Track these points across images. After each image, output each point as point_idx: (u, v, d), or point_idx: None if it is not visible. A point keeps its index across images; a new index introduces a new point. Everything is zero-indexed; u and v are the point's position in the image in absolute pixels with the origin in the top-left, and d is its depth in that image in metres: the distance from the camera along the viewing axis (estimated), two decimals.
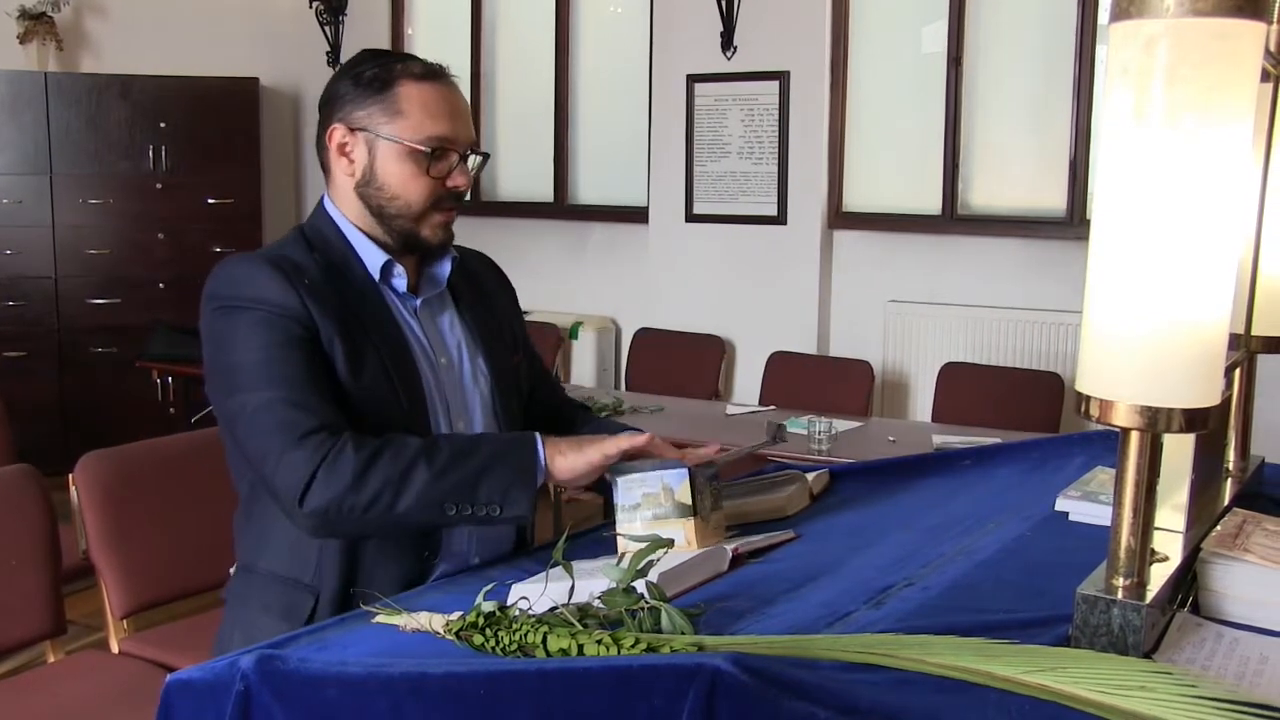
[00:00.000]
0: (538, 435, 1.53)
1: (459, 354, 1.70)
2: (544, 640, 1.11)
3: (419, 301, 1.68)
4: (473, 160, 1.64)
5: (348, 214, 1.65)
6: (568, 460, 1.51)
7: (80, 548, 2.53)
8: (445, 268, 1.71)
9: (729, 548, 1.44)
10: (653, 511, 1.49)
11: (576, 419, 1.87)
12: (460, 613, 1.21)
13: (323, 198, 1.69)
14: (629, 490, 1.51)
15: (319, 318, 1.54)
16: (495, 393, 1.71)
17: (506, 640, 1.14)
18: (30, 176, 5.41)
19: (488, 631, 1.16)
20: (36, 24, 5.51)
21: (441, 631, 1.22)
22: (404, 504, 1.46)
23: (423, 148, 1.58)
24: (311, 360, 1.52)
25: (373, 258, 1.64)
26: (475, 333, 1.73)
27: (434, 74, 1.61)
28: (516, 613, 1.17)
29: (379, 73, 1.60)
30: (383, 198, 1.62)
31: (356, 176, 1.63)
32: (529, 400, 1.83)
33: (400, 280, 1.65)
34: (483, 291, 1.79)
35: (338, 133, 1.62)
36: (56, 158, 5.43)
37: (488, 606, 1.18)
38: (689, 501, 1.48)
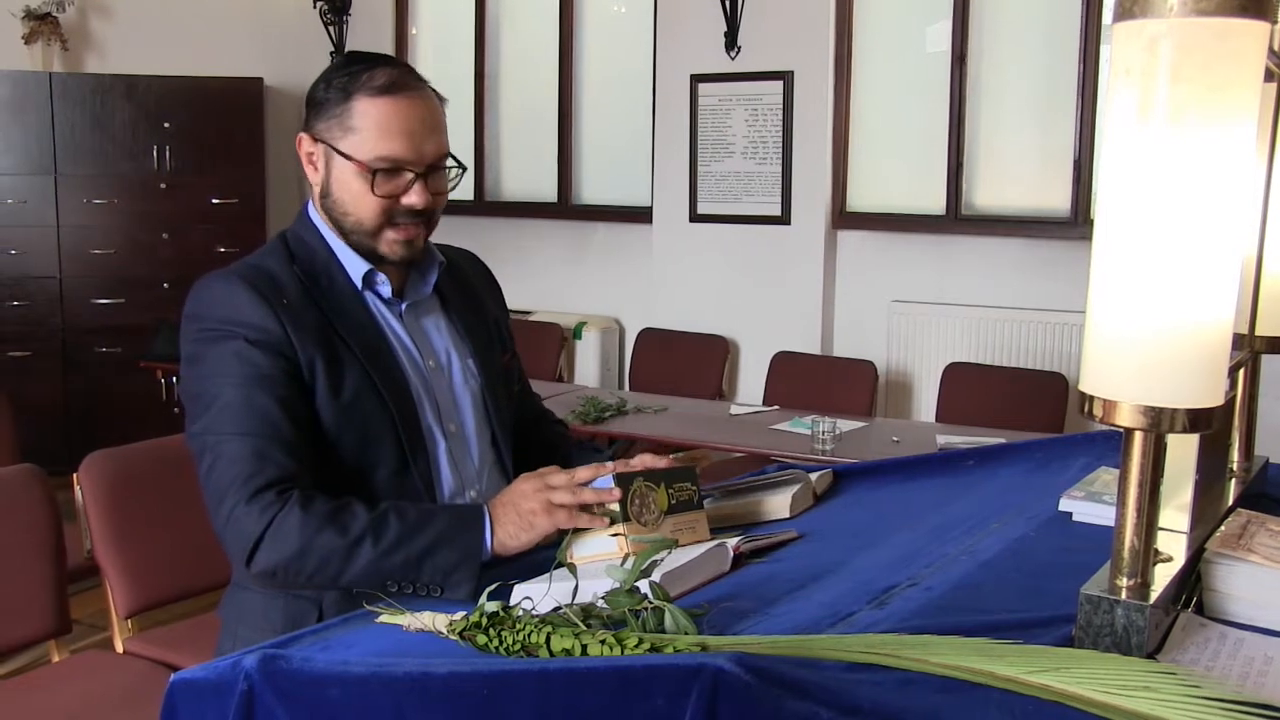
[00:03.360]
0: (487, 514, 1.48)
1: (448, 356, 1.70)
2: (547, 640, 1.11)
3: (405, 306, 1.68)
4: (453, 173, 1.62)
5: (324, 222, 1.65)
6: (516, 540, 1.47)
7: (85, 547, 2.54)
8: (432, 272, 1.70)
9: (730, 545, 1.44)
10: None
11: (558, 442, 1.88)
12: (464, 613, 1.21)
13: (306, 203, 1.68)
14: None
15: (297, 337, 1.53)
16: (486, 393, 1.71)
17: (510, 640, 1.14)
18: (35, 177, 5.42)
19: (491, 631, 1.16)
20: (41, 24, 5.52)
21: (445, 631, 1.22)
22: (347, 578, 1.47)
23: (369, 167, 1.55)
24: (283, 397, 1.51)
25: (355, 265, 1.63)
26: (464, 334, 1.72)
27: (395, 87, 1.55)
28: (520, 613, 1.17)
29: (343, 83, 1.57)
30: (338, 212, 1.61)
31: (319, 188, 1.62)
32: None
33: (384, 287, 1.65)
34: (471, 292, 1.79)
35: (304, 142, 1.62)
36: (61, 158, 5.45)
37: (491, 606, 1.18)
38: (615, 508, 1.46)
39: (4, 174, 5.38)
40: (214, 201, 5.72)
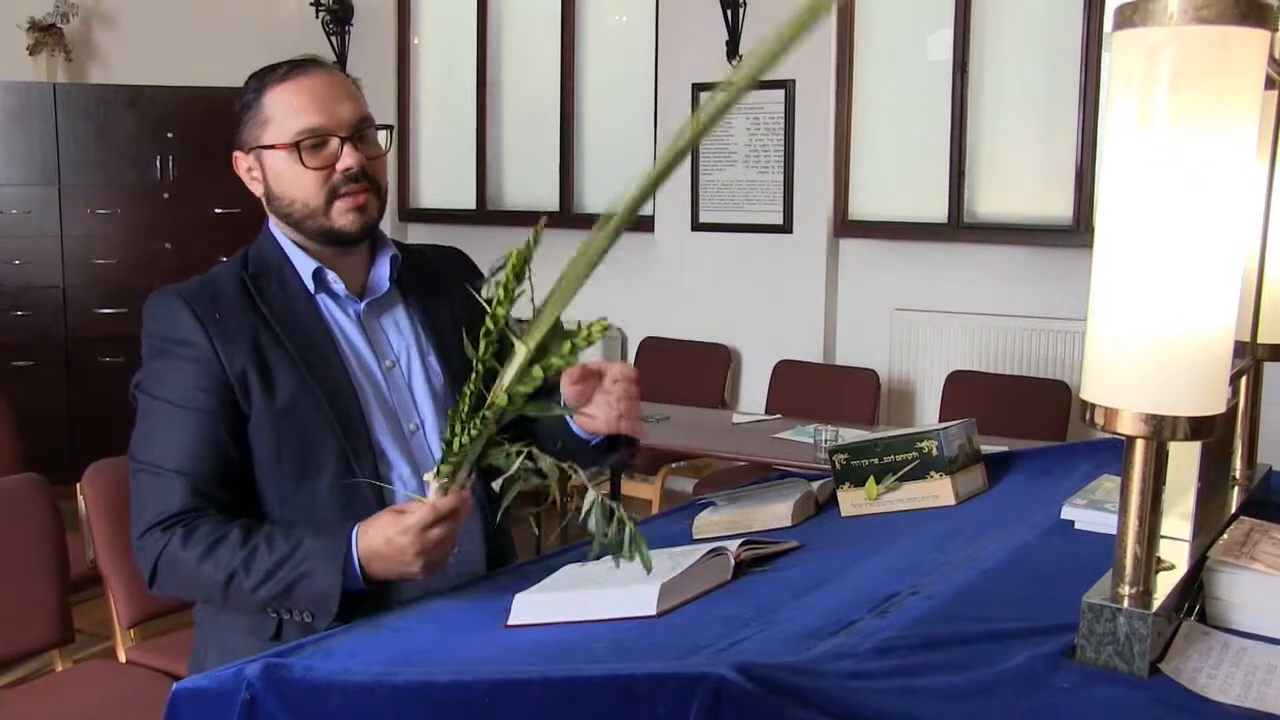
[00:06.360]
0: (354, 540, 1.45)
1: (407, 355, 1.70)
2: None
3: (363, 305, 1.68)
4: (383, 136, 1.66)
5: (280, 229, 1.69)
6: (383, 565, 1.44)
7: (88, 557, 2.54)
8: (384, 268, 1.71)
9: (731, 554, 1.44)
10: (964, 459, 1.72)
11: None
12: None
13: (267, 218, 1.72)
14: (950, 442, 1.70)
15: (224, 352, 1.56)
16: (450, 391, 1.69)
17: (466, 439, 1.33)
18: (38, 187, 5.43)
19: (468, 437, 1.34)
20: (45, 35, 5.53)
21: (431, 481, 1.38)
22: (233, 605, 1.53)
23: (292, 144, 1.59)
24: (201, 425, 1.55)
25: (305, 267, 1.66)
26: (426, 330, 1.72)
27: (294, 70, 1.62)
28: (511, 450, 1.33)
29: (251, 87, 1.64)
30: (285, 206, 1.64)
31: (265, 198, 1.67)
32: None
33: (337, 284, 1.66)
34: (440, 288, 1.77)
35: (239, 161, 1.68)
36: (64, 168, 5.45)
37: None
38: (978, 448, 1.78)
39: (8, 184, 5.39)
40: (216, 211, 5.71)
